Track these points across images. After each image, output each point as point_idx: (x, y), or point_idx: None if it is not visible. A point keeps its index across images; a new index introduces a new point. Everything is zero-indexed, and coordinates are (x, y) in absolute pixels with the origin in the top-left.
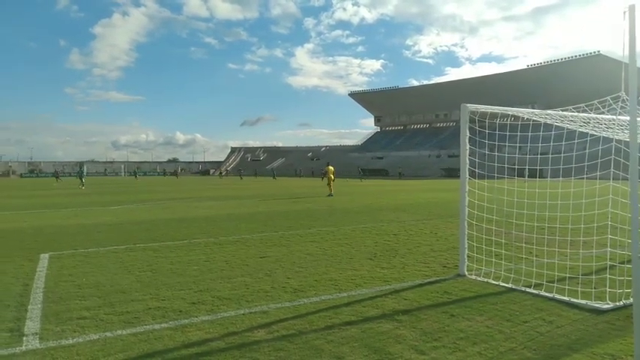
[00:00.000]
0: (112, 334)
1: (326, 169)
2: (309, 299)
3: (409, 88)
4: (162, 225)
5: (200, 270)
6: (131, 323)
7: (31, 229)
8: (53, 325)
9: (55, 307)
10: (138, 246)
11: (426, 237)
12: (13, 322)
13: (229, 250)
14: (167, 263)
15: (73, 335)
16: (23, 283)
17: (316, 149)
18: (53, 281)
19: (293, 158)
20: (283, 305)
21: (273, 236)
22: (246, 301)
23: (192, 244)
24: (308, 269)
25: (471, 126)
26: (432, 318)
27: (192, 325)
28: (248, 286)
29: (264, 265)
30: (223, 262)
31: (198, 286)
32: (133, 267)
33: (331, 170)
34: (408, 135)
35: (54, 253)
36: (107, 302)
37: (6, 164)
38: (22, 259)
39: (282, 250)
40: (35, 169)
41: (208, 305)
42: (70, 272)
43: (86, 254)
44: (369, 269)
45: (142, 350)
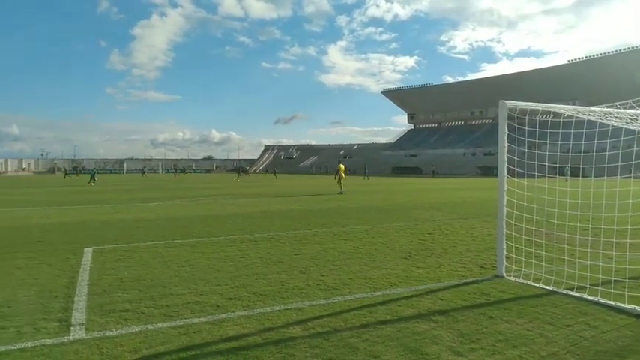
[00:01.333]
0: (153, 327)
1: (337, 167)
2: (344, 297)
3: (444, 85)
4: (199, 221)
5: (236, 266)
6: (171, 316)
7: (75, 223)
8: (98, 317)
9: (99, 299)
10: (176, 241)
11: (462, 236)
12: (61, 313)
13: (264, 247)
14: (204, 259)
15: (117, 327)
16: (69, 276)
17: (348, 147)
18: (97, 274)
19: (325, 156)
20: (318, 302)
21: (306, 234)
22: (282, 297)
23: (228, 241)
24: (342, 267)
25: (509, 123)
26: (470, 319)
27: (229, 320)
28: (283, 282)
29: (298, 262)
30: (258, 259)
31: (234, 282)
32: (171, 262)
33: (342, 169)
34: (443, 133)
35: (97, 247)
36: (148, 295)
37: (51, 162)
38: (68, 253)
39: (316, 248)
40: (78, 167)
41: (245, 301)
42: (113, 266)
43: (127, 249)
44: (404, 268)
45: (182, 343)
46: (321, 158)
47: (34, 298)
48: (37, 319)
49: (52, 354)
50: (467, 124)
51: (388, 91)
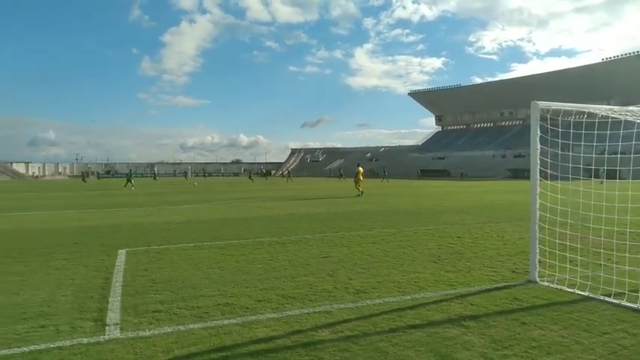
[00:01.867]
0: (185, 328)
1: (356, 170)
2: (372, 301)
3: (472, 86)
4: (228, 224)
5: (264, 268)
6: (202, 318)
7: (109, 226)
8: (132, 317)
9: (133, 300)
10: (205, 244)
11: (493, 240)
12: (97, 313)
13: (292, 250)
14: (233, 261)
15: (150, 327)
16: (104, 277)
17: (375, 150)
18: (130, 275)
19: (352, 159)
20: (346, 306)
21: (334, 237)
22: (310, 300)
23: (256, 243)
24: (370, 270)
25: (541, 124)
26: (502, 325)
27: (258, 322)
28: (311, 285)
29: (326, 265)
30: (286, 262)
31: (263, 284)
32: (201, 264)
33: (361, 171)
34: (471, 134)
35: (130, 249)
36: (179, 297)
37: (85, 165)
38: (102, 254)
39: (344, 251)
40: (111, 170)
41: (273, 303)
42: (145, 267)
43: (158, 251)
44: (433, 272)
45: (213, 344)
46: (347, 161)
47: (71, 298)
48: (74, 318)
49: (88, 352)
50: (496, 126)
51: (415, 92)
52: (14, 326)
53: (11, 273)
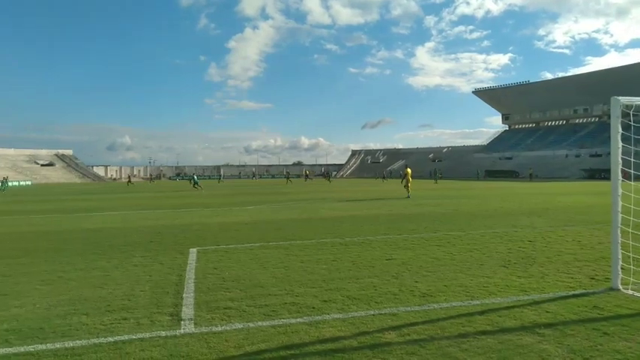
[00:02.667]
0: (254, 325)
1: (404, 172)
2: (439, 305)
3: (542, 82)
4: (291, 225)
5: (329, 269)
6: (270, 316)
7: (181, 225)
8: (204, 313)
9: (205, 296)
10: (270, 244)
11: (568, 245)
12: (172, 308)
13: (355, 251)
14: (298, 261)
15: (221, 323)
16: (178, 274)
17: (438, 150)
18: (202, 273)
19: (413, 160)
20: (412, 309)
21: (397, 239)
22: (375, 302)
23: (319, 244)
24: (436, 274)
25: (622, 121)
26: (581, 334)
27: (324, 322)
28: (376, 287)
29: (390, 268)
30: (350, 263)
31: (328, 285)
32: (267, 263)
33: (409, 173)
34: (541, 133)
35: (200, 248)
36: (248, 295)
37: (157, 168)
38: (175, 253)
39: (408, 254)
40: (181, 173)
41: (339, 304)
42: (215, 266)
43: (227, 250)
44: (503, 277)
45: (281, 342)
46: (408, 162)
47: (149, 293)
48: (152, 312)
49: (166, 345)
50: (569, 124)
51: (480, 90)
52: (101, 317)
53: (96, 268)
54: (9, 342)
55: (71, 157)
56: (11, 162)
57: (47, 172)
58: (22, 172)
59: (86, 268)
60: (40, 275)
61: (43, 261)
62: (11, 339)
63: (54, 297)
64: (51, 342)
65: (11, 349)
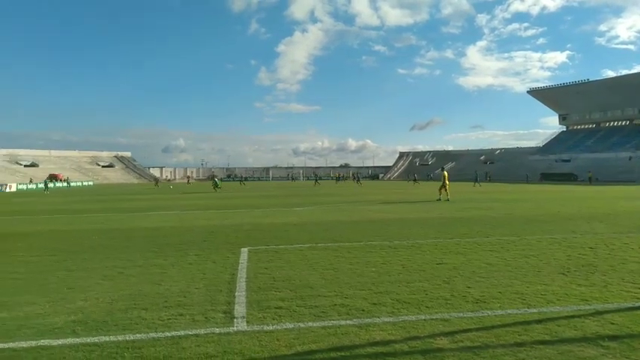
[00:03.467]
0: (304, 325)
1: (442, 175)
2: (493, 312)
3: (603, 80)
4: (340, 226)
5: (378, 272)
6: (320, 317)
7: (232, 225)
8: (256, 312)
9: (256, 295)
10: (319, 245)
11: (634, 253)
12: (225, 306)
13: (404, 255)
14: (347, 263)
15: (273, 322)
16: (230, 273)
17: (489, 152)
18: (253, 273)
19: (464, 162)
20: (465, 315)
21: (448, 243)
22: (426, 307)
23: (367, 246)
24: (489, 280)
25: None
26: None
27: (374, 325)
28: (427, 291)
29: (441, 272)
30: (400, 266)
31: (377, 288)
32: (317, 264)
33: (446, 176)
34: (602, 134)
35: (251, 247)
36: (298, 295)
37: (209, 170)
38: (227, 252)
39: (459, 258)
40: (231, 174)
41: (389, 307)
42: (265, 266)
43: (277, 250)
44: (562, 285)
45: (331, 343)
46: (459, 164)
47: (203, 290)
48: (206, 309)
49: (220, 341)
50: (633, 124)
51: (535, 90)
52: (159, 313)
53: (153, 265)
54: (76, 332)
55: (129, 158)
56: (76, 163)
57: (107, 172)
58: (85, 173)
59: (145, 265)
60: (102, 271)
61: (104, 257)
62: (78, 330)
63: (115, 292)
64: (113, 334)
65: (78, 340)
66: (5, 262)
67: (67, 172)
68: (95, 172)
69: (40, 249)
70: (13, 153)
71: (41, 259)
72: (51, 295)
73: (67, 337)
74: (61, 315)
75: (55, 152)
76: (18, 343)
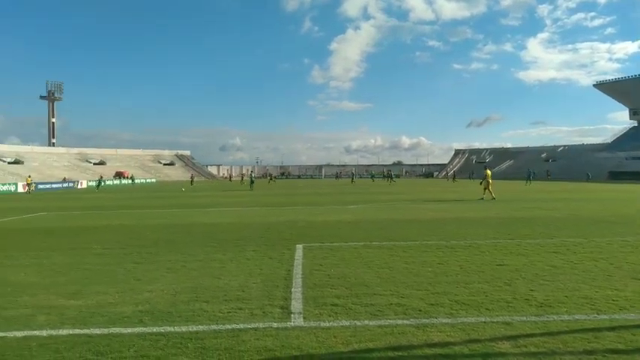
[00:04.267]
0: (360, 323)
1: (484, 173)
2: (559, 317)
3: None
4: (394, 225)
5: (434, 272)
6: (376, 315)
7: (286, 222)
8: (312, 308)
9: (312, 292)
10: (374, 243)
11: None
12: (282, 301)
13: (462, 255)
14: (402, 262)
15: (329, 319)
16: (286, 269)
17: (551, 149)
18: (308, 269)
19: (523, 160)
20: (529, 319)
21: (508, 244)
22: (487, 309)
23: (423, 246)
24: (554, 283)
25: None
26: None
27: (432, 326)
28: (487, 293)
29: (501, 274)
30: (457, 267)
31: (434, 288)
32: (372, 263)
33: (489, 174)
34: None
35: (306, 244)
36: (353, 293)
37: (264, 168)
38: (283, 248)
39: (521, 260)
40: (285, 172)
41: (447, 308)
42: (320, 263)
43: (331, 248)
44: (636, 291)
45: (388, 343)
46: (518, 162)
47: (260, 285)
48: (264, 304)
49: (278, 336)
50: None
51: (603, 83)
52: (219, 306)
53: (213, 260)
54: (143, 322)
55: (189, 157)
56: (139, 161)
57: (168, 170)
58: (148, 171)
59: (205, 259)
60: (165, 264)
61: (168, 251)
62: (145, 320)
63: (179, 284)
64: (177, 325)
65: (146, 329)
66: (79, 254)
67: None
68: (157, 169)
69: (109, 242)
70: (83, 152)
71: (111, 252)
72: (120, 285)
73: (136, 326)
74: (130, 305)
75: (122, 151)
76: (92, 330)
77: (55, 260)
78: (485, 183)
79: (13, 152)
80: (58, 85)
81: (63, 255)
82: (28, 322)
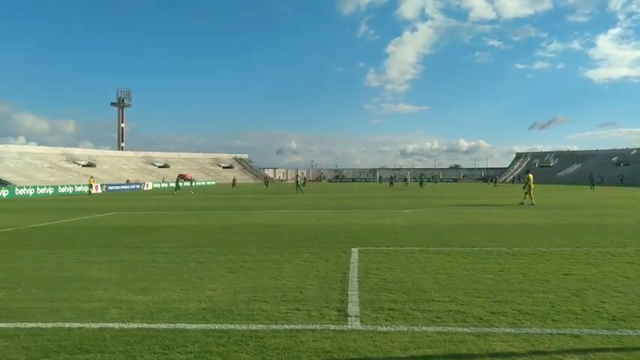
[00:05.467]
0: (418, 329)
1: (527, 177)
2: (635, 331)
3: None
4: (452, 230)
5: (495, 280)
6: (434, 322)
7: (341, 225)
8: (369, 312)
9: (368, 295)
10: (431, 249)
11: None
12: (339, 304)
13: (525, 263)
14: (461, 269)
15: (386, 323)
16: (342, 272)
17: (624, 152)
18: (364, 273)
19: (592, 164)
20: (600, 332)
21: (575, 252)
22: (552, 320)
23: (483, 252)
24: (628, 295)
25: None
26: None
27: (494, 335)
28: (552, 304)
29: (568, 284)
30: (520, 275)
31: (495, 296)
32: (429, 268)
33: (531, 178)
34: None
35: (362, 248)
36: (410, 298)
37: (319, 171)
38: (338, 251)
39: (590, 269)
40: (339, 175)
41: (509, 317)
42: (376, 266)
43: (387, 252)
44: None
45: (448, 350)
46: (585, 166)
47: (317, 287)
48: (321, 306)
49: (335, 338)
50: None
51: None
52: (277, 306)
53: (271, 261)
54: (206, 319)
55: (247, 160)
56: (200, 164)
57: (227, 173)
58: (208, 174)
59: (263, 260)
60: (226, 264)
61: (227, 251)
62: (208, 317)
63: (238, 284)
64: (238, 323)
65: (208, 326)
66: (147, 252)
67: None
68: (216, 172)
69: (174, 241)
70: (149, 155)
71: (176, 251)
72: (184, 283)
73: (199, 323)
74: (193, 302)
75: (183, 154)
76: (159, 325)
77: (124, 257)
78: (528, 187)
79: (87, 156)
80: (127, 92)
81: (131, 253)
82: (102, 314)
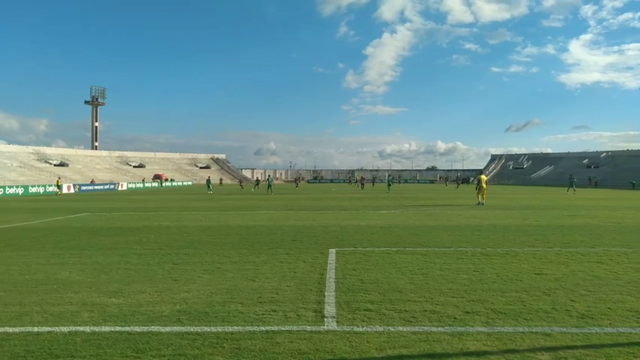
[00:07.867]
0: (394, 329)
1: (478, 178)
2: (602, 329)
3: None
4: (428, 231)
5: (470, 279)
6: (410, 322)
7: (319, 226)
8: (345, 312)
9: (345, 296)
10: (407, 249)
11: None
12: (316, 305)
13: (498, 263)
14: (436, 269)
15: (362, 324)
16: (319, 272)
17: (594, 155)
18: (341, 273)
19: (563, 166)
20: (569, 330)
21: (547, 252)
22: (524, 319)
23: (458, 252)
24: (597, 294)
25: None
26: None
27: (468, 334)
28: (524, 303)
29: (540, 283)
30: (494, 275)
31: (470, 296)
32: (405, 269)
33: (483, 179)
34: None
35: (339, 249)
36: (386, 299)
37: (297, 172)
38: (316, 252)
39: (561, 269)
40: (317, 176)
41: (483, 317)
42: (353, 267)
43: (364, 252)
44: None
45: (422, 350)
46: (557, 168)
47: (294, 288)
48: (298, 307)
49: (312, 339)
50: None
51: None
52: (254, 307)
53: (247, 262)
54: (181, 321)
55: (224, 160)
56: (177, 164)
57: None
58: (185, 174)
59: (239, 261)
60: (202, 265)
61: (204, 252)
62: (183, 319)
63: (214, 285)
64: (214, 325)
65: (183, 328)
66: (121, 254)
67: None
68: (193, 172)
69: (149, 243)
70: (124, 155)
71: (150, 252)
72: (158, 285)
73: (174, 325)
74: (168, 304)
75: (160, 154)
76: (132, 328)
77: (97, 259)
78: (479, 188)
79: (59, 155)
80: (102, 90)
81: (104, 254)
82: (73, 318)
